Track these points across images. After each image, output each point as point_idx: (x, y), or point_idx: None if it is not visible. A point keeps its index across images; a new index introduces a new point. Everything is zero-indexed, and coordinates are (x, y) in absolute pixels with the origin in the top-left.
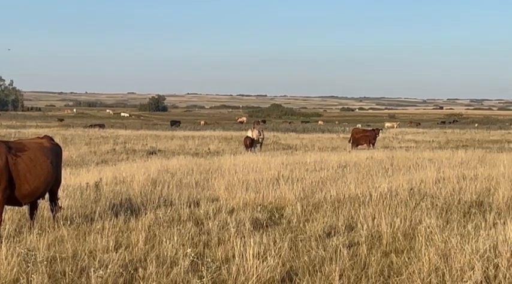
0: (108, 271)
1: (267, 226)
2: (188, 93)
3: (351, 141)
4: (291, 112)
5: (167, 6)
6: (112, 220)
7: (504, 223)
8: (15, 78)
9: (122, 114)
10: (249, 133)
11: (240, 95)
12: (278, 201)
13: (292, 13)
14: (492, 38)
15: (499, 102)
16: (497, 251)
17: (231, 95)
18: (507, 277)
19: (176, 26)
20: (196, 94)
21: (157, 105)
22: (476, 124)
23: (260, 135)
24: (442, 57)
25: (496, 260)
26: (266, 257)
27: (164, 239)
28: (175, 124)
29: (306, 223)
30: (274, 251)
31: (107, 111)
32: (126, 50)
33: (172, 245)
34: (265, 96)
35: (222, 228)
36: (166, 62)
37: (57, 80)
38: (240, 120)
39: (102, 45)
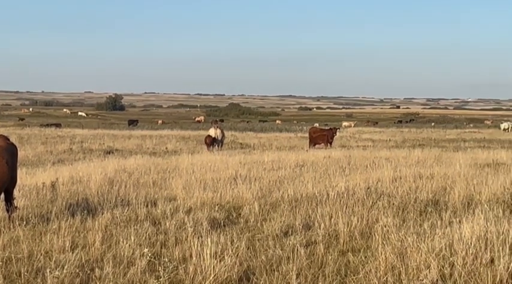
0: (65, 271)
1: (224, 225)
2: (146, 92)
3: (309, 140)
4: (248, 111)
5: (125, 3)
6: (68, 220)
7: (460, 221)
8: None
9: (80, 113)
10: (211, 132)
11: (197, 94)
12: (236, 200)
13: (249, 13)
14: (447, 38)
15: (455, 102)
16: (452, 250)
17: (188, 94)
18: (462, 275)
19: (133, 23)
20: (154, 93)
21: (114, 104)
22: (432, 124)
23: (222, 134)
24: (399, 56)
25: (451, 259)
26: (223, 257)
27: (121, 239)
28: (132, 123)
29: (264, 223)
30: (232, 251)
31: (64, 110)
32: (83, 48)
33: (129, 245)
34: (223, 95)
35: (180, 228)
36: (123, 61)
37: (13, 79)
38: (197, 119)
39: (58, 44)
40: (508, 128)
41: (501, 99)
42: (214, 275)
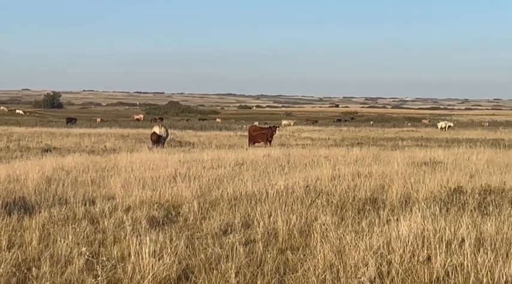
0: (1, 270)
1: (163, 224)
2: (84, 90)
3: (248, 139)
4: (188, 109)
5: (64, 1)
6: (5, 219)
7: (397, 219)
8: None
9: (17, 111)
10: (156, 130)
11: (137, 92)
12: (175, 199)
13: (189, 10)
14: (384, 37)
15: (393, 101)
16: (390, 248)
17: (128, 92)
18: (400, 273)
19: (71, 19)
20: (92, 91)
21: (52, 102)
22: (371, 122)
23: (166, 132)
24: (337, 55)
25: (389, 257)
26: (162, 256)
27: (59, 238)
28: (71, 121)
29: (203, 221)
30: (171, 249)
31: (1, 108)
32: (20, 45)
33: (67, 244)
34: (163, 93)
35: (118, 226)
36: (62, 58)
37: None
38: (136, 117)
39: None
40: (445, 127)
41: (439, 98)
42: (153, 274)
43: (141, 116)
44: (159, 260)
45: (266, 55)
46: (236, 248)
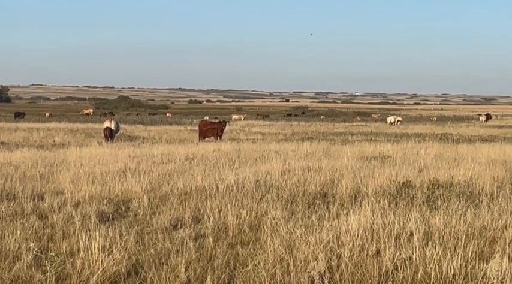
0: None
1: (113, 219)
2: (33, 84)
3: (199, 133)
4: (138, 104)
5: None
6: None
7: (347, 213)
8: None
9: None
10: (108, 124)
11: (86, 87)
12: (125, 194)
13: (138, 5)
14: (334, 33)
15: (343, 95)
16: (340, 242)
17: (77, 87)
18: (349, 266)
19: (17, 12)
20: (41, 85)
21: (0, 96)
22: (321, 117)
23: (117, 126)
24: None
25: (338, 251)
26: (112, 251)
27: (6, 234)
28: (19, 116)
29: (153, 216)
30: (120, 245)
31: None
32: None
33: (15, 239)
34: (113, 87)
35: (67, 222)
36: (9, 51)
37: None
38: (85, 112)
39: None
40: (394, 122)
41: (388, 93)
42: (103, 269)
43: (91, 111)
44: (108, 255)
45: (216, 49)
46: (186, 243)
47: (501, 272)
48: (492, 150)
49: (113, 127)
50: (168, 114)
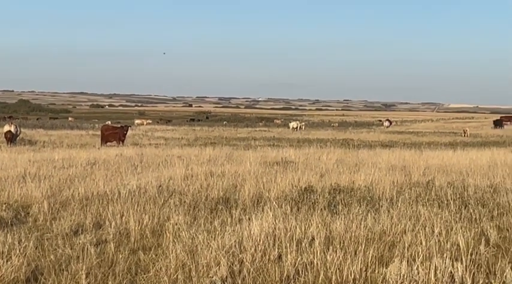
0: None
1: (11, 224)
2: None
3: (101, 138)
4: (39, 108)
5: None
6: None
7: (249, 218)
8: None
9: None
10: (8, 128)
11: None
12: (24, 199)
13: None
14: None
15: (246, 101)
16: (242, 247)
17: None
18: (251, 271)
19: None
20: None
21: None
22: (224, 122)
23: (18, 130)
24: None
25: (241, 256)
26: (10, 257)
27: None
28: None
29: (53, 222)
30: (19, 251)
31: None
32: None
33: None
34: (12, 91)
35: None
36: None
37: None
38: None
39: None
40: (297, 127)
41: (290, 99)
42: (1, 276)
43: None
44: (7, 261)
45: (119, 53)
46: (87, 249)
47: (400, 276)
48: (392, 156)
49: (13, 130)
50: (70, 118)
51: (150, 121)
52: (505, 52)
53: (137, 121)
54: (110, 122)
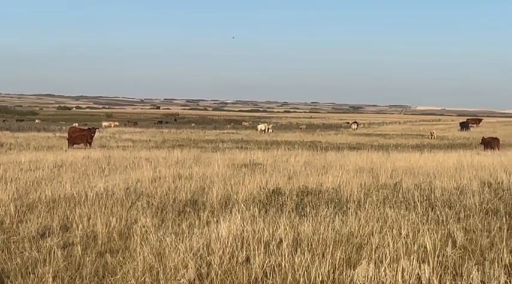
0: None
1: None
2: None
3: (68, 140)
4: (5, 110)
5: None
6: None
7: (217, 221)
8: None
9: None
10: None
11: None
12: None
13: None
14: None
15: (214, 103)
16: (210, 249)
17: None
18: (219, 274)
19: None
20: None
21: None
22: (192, 124)
23: None
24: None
25: (208, 258)
26: None
27: None
28: None
29: (20, 224)
30: None
31: None
32: None
33: None
34: None
35: None
36: None
37: None
38: None
39: None
40: (265, 129)
41: (258, 101)
42: None
43: None
44: None
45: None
46: (54, 251)
47: (367, 278)
48: (360, 158)
49: None
50: (37, 121)
51: (118, 124)
52: (471, 55)
53: (105, 123)
54: (77, 124)
